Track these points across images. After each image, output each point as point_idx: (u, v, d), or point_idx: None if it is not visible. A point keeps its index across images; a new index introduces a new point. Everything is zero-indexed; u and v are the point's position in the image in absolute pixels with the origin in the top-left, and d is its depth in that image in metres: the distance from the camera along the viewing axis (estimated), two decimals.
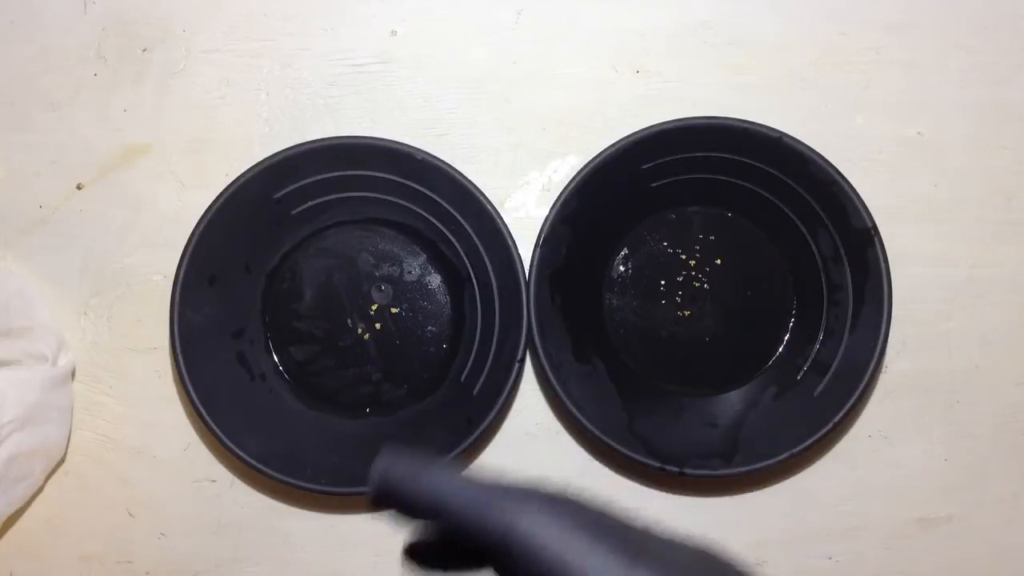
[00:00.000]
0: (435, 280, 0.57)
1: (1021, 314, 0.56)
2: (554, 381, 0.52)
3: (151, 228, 0.58)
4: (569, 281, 0.55)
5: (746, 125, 0.53)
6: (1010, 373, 0.56)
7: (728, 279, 0.57)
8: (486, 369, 0.54)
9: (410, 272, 0.57)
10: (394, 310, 0.57)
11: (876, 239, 0.52)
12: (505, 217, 0.54)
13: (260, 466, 0.52)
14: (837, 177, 0.53)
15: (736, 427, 0.54)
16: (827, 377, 0.53)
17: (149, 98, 0.59)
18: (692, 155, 0.55)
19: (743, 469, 0.52)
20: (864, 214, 0.52)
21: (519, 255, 0.53)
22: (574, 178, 0.53)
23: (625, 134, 0.54)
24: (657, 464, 0.52)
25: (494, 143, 0.58)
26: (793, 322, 0.56)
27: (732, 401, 0.56)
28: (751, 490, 0.55)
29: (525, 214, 0.57)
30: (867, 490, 0.55)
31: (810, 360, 0.55)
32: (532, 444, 0.56)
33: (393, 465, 0.26)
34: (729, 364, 0.56)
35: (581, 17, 0.59)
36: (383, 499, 0.27)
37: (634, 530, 0.25)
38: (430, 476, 0.26)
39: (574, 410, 0.52)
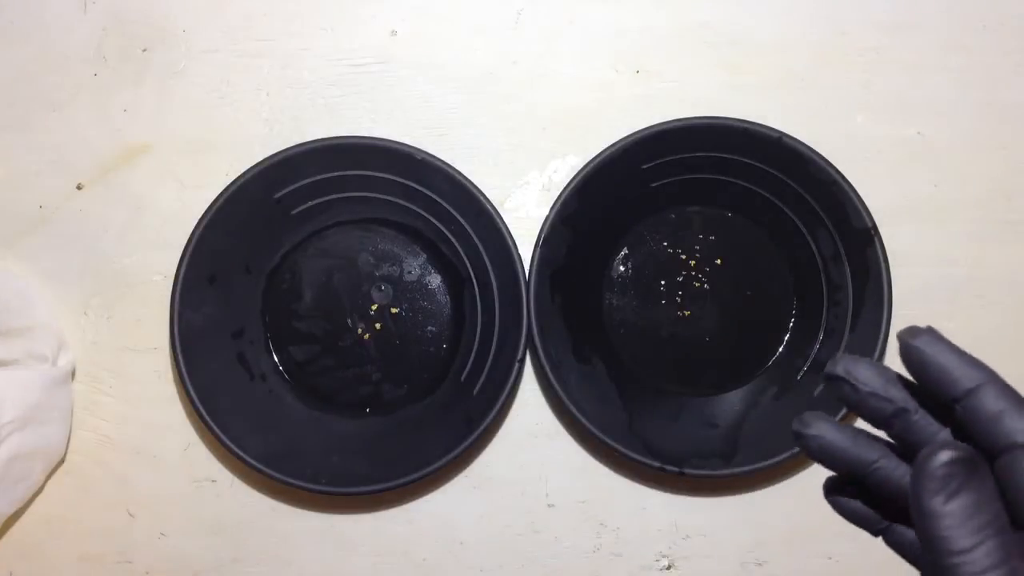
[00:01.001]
0: (435, 280, 0.57)
1: (1021, 314, 0.56)
2: (554, 381, 0.52)
3: (151, 228, 0.58)
4: (569, 281, 0.55)
5: (746, 125, 0.53)
6: (1010, 373, 0.56)
7: (728, 279, 0.57)
8: (486, 369, 0.54)
9: (410, 272, 0.57)
10: (394, 310, 0.57)
11: (876, 239, 0.52)
12: (505, 217, 0.54)
13: (260, 466, 0.52)
14: (837, 177, 0.53)
15: (736, 427, 0.54)
16: None
17: (149, 98, 0.59)
18: (692, 155, 0.55)
19: (743, 469, 0.52)
20: (864, 214, 0.53)
21: (519, 255, 0.53)
22: (574, 178, 0.53)
23: (625, 134, 0.54)
24: (657, 464, 0.52)
25: (494, 143, 0.58)
26: (793, 322, 0.56)
27: (732, 401, 0.56)
28: (751, 490, 0.55)
29: (525, 214, 0.57)
30: None
31: (810, 360, 0.55)
32: (532, 444, 0.56)
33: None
34: (729, 364, 0.56)
35: (581, 17, 0.59)
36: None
37: None
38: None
39: (574, 410, 0.52)
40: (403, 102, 0.58)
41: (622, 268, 0.57)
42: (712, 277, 0.57)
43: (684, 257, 0.57)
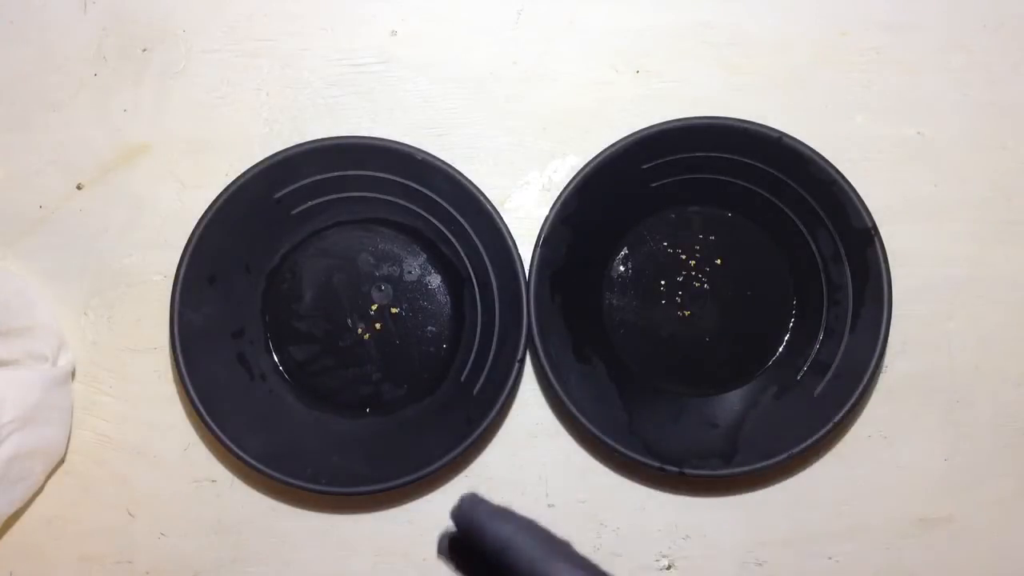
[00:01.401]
0: (435, 280, 0.57)
1: (1021, 314, 0.56)
2: (554, 381, 0.52)
3: (151, 228, 0.58)
4: (569, 281, 0.55)
5: (746, 125, 0.53)
6: (1010, 373, 0.56)
7: (728, 279, 0.57)
8: (486, 369, 0.54)
9: (410, 272, 0.57)
10: (394, 310, 0.57)
11: (876, 239, 0.52)
12: (505, 217, 0.54)
13: (260, 466, 0.52)
14: (837, 177, 0.53)
15: (736, 427, 0.54)
16: (827, 377, 0.53)
17: (149, 98, 0.59)
18: (692, 155, 0.55)
19: (743, 469, 0.52)
20: (864, 214, 0.53)
21: (519, 255, 0.53)
22: (574, 178, 0.53)
23: (625, 134, 0.54)
24: (657, 464, 0.52)
25: (494, 143, 0.58)
26: (793, 322, 0.56)
27: (732, 401, 0.56)
28: (751, 490, 0.55)
29: (525, 214, 0.57)
30: (867, 490, 0.55)
31: (810, 360, 0.55)
32: (532, 444, 0.56)
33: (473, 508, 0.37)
34: (729, 364, 0.56)
35: (581, 17, 0.59)
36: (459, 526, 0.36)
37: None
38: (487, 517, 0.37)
39: (574, 410, 0.52)
40: (403, 102, 0.58)
41: (622, 268, 0.57)
42: (712, 277, 0.57)
43: (684, 257, 0.57)
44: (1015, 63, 0.58)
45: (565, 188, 0.53)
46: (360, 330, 0.56)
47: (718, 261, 0.57)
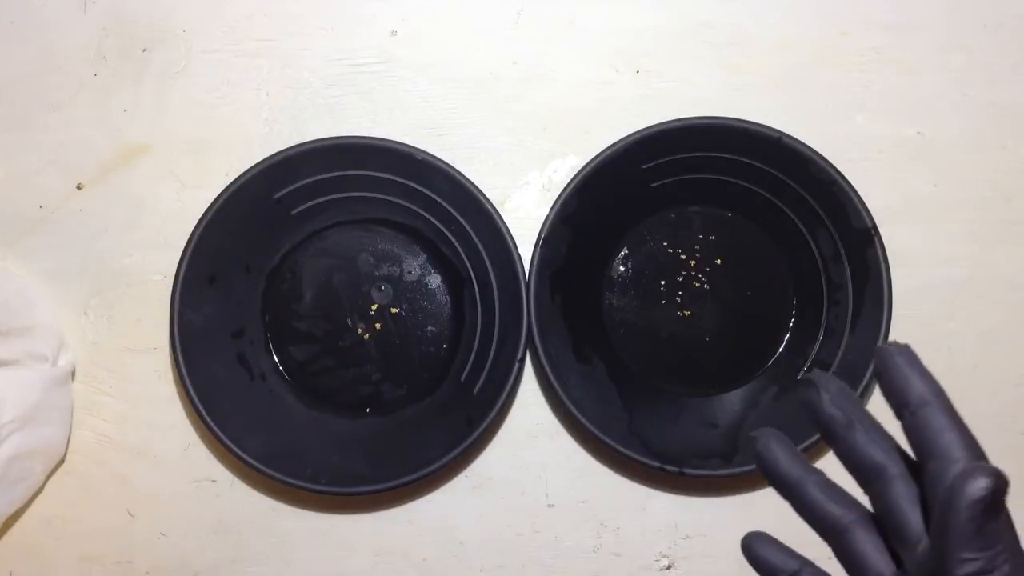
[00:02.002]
0: (435, 280, 0.57)
1: (1021, 314, 0.56)
2: (554, 381, 0.52)
3: (151, 228, 0.58)
4: (569, 281, 0.55)
5: (746, 125, 0.53)
6: (1010, 373, 0.56)
7: (728, 279, 0.57)
8: (486, 369, 0.54)
9: (410, 272, 0.57)
10: (394, 310, 0.57)
11: (876, 239, 0.52)
12: (505, 217, 0.54)
13: (260, 466, 0.52)
14: (837, 177, 0.53)
15: (736, 427, 0.54)
16: None
17: (149, 98, 0.59)
18: (692, 155, 0.55)
19: (743, 469, 0.52)
20: (864, 214, 0.53)
21: (519, 255, 0.53)
22: (574, 178, 0.53)
23: (625, 134, 0.54)
24: (657, 464, 0.52)
25: (494, 143, 0.58)
26: (793, 322, 0.56)
27: (732, 401, 0.56)
28: (751, 490, 0.55)
29: (525, 214, 0.57)
30: None
31: (810, 360, 0.55)
32: (532, 444, 0.56)
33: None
34: (729, 364, 0.56)
35: (581, 17, 0.59)
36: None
37: None
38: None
39: (574, 410, 0.52)
40: (403, 102, 0.58)
41: (622, 268, 0.57)
42: (712, 277, 0.57)
43: (684, 257, 0.57)
44: (1015, 63, 0.58)
45: (565, 188, 0.53)
46: (360, 330, 0.56)
47: (718, 261, 0.57)
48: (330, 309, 0.57)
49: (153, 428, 0.56)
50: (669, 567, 0.55)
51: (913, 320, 0.56)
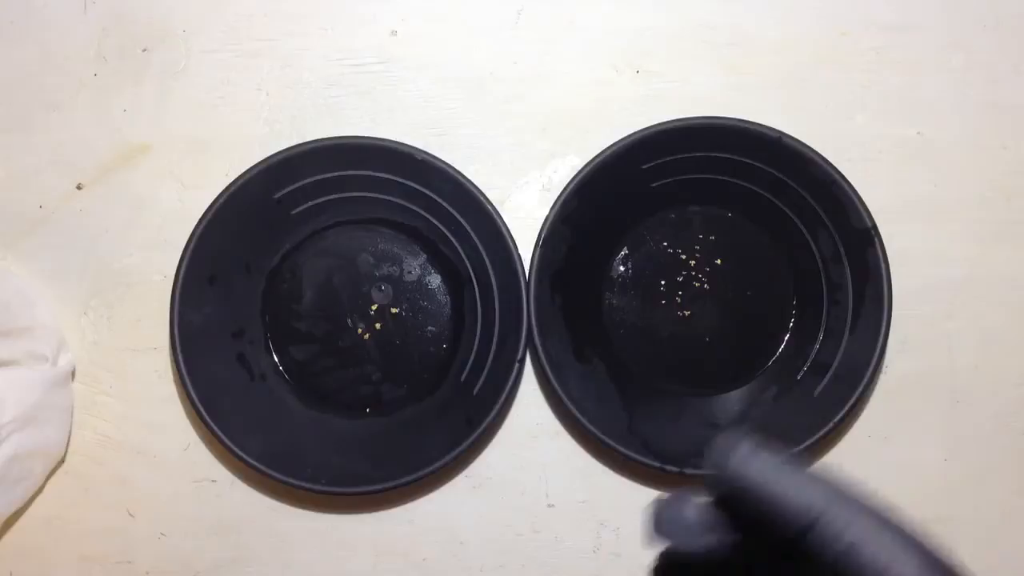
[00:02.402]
0: (435, 280, 0.57)
1: (1021, 314, 0.56)
2: (554, 381, 0.52)
3: (151, 228, 0.58)
4: (569, 281, 0.55)
5: (746, 125, 0.53)
6: (1010, 373, 0.56)
7: (728, 279, 0.57)
8: (486, 369, 0.54)
9: (410, 272, 0.57)
10: (394, 310, 0.57)
11: (876, 239, 0.52)
12: (505, 217, 0.54)
13: (260, 466, 0.52)
14: (837, 177, 0.53)
15: (736, 427, 0.54)
16: (827, 377, 0.53)
17: (149, 98, 0.59)
18: (692, 155, 0.55)
19: None
20: (864, 214, 0.53)
21: (519, 255, 0.53)
22: (574, 178, 0.53)
23: (625, 134, 0.54)
24: (657, 464, 0.52)
25: (494, 143, 0.58)
26: (793, 322, 0.56)
27: (732, 401, 0.56)
28: None
29: (525, 214, 0.57)
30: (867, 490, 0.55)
31: (810, 360, 0.55)
32: (532, 444, 0.56)
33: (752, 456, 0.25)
34: (729, 364, 0.56)
35: (581, 17, 0.59)
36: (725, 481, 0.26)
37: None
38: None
39: (574, 410, 0.52)
40: (403, 102, 0.58)
41: (622, 268, 0.57)
42: (712, 277, 0.57)
43: (684, 257, 0.57)
44: (1015, 63, 0.58)
45: (565, 188, 0.53)
46: (360, 330, 0.56)
47: (718, 261, 0.57)
48: (330, 309, 0.57)
49: (153, 428, 0.56)
50: None
51: (913, 320, 0.56)
